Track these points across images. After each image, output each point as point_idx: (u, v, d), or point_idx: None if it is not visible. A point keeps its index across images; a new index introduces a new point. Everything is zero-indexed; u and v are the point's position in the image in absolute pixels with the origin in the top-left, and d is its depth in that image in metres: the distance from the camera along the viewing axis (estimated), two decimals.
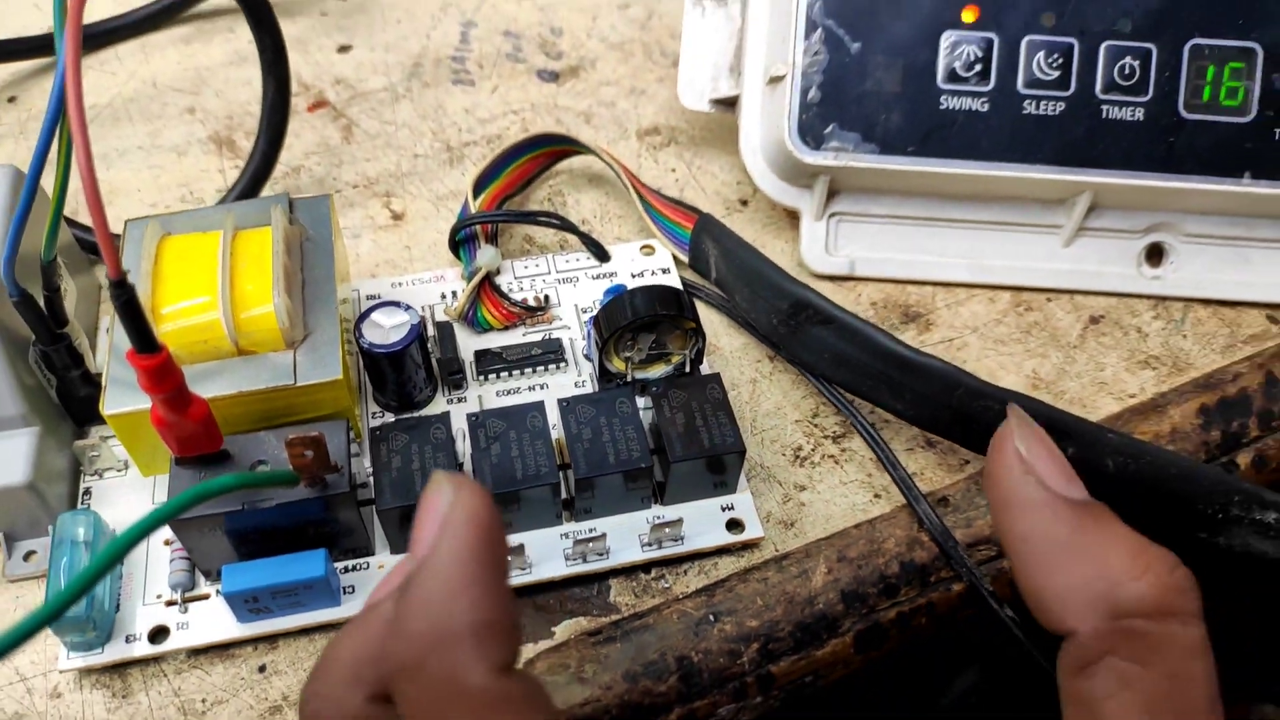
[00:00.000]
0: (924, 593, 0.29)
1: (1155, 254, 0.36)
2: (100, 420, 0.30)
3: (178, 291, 0.27)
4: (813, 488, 0.31)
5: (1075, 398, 0.34)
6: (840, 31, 0.34)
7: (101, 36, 0.43)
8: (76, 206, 0.37)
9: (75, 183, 0.22)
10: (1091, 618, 0.21)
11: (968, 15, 0.33)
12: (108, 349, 0.27)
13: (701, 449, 0.28)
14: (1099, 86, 0.33)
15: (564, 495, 0.29)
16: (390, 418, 0.31)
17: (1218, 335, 0.36)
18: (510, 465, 0.28)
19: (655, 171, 0.40)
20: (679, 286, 0.34)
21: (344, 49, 0.44)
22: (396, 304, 0.30)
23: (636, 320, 0.29)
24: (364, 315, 0.30)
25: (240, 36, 0.44)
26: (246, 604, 0.27)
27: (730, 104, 0.38)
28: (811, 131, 0.34)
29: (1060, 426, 0.29)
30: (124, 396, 0.27)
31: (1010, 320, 0.36)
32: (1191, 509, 0.29)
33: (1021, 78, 0.33)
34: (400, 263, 0.37)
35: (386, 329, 0.30)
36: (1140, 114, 0.33)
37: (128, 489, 0.30)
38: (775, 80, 0.35)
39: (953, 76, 0.34)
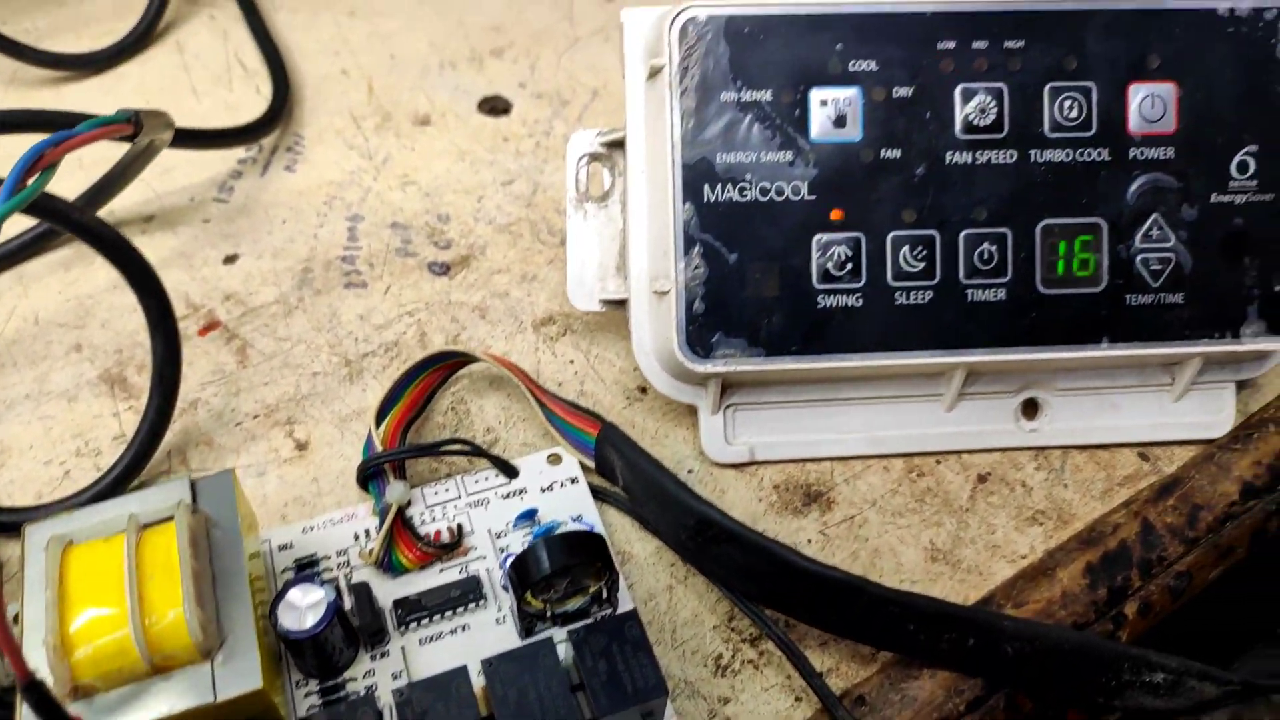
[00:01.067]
0: None
1: (1031, 408, 0.39)
2: None
3: (89, 616, 0.27)
4: (736, 699, 0.32)
5: (972, 565, 0.36)
6: (717, 244, 0.35)
7: None
8: None
9: None
10: None
11: (835, 218, 0.35)
12: (17, 694, 0.27)
13: (626, 697, 0.29)
14: (962, 273, 0.35)
15: None
16: (314, 685, 0.31)
17: (1095, 480, 0.38)
18: None
19: (554, 365, 0.41)
20: (592, 522, 0.35)
21: (230, 259, 0.44)
22: (309, 579, 0.30)
23: (549, 574, 0.30)
24: (279, 596, 0.30)
25: None
26: None
27: (620, 304, 0.39)
28: (700, 342, 0.35)
29: (960, 622, 0.31)
30: None
31: (905, 489, 0.38)
32: (1088, 680, 0.32)
33: (890, 271, 0.35)
34: (309, 498, 0.37)
35: (303, 610, 0.30)
36: (1002, 294, 0.36)
37: None
38: (660, 294, 0.36)
39: (826, 276, 0.35)
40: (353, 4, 0.57)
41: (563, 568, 0.30)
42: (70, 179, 0.42)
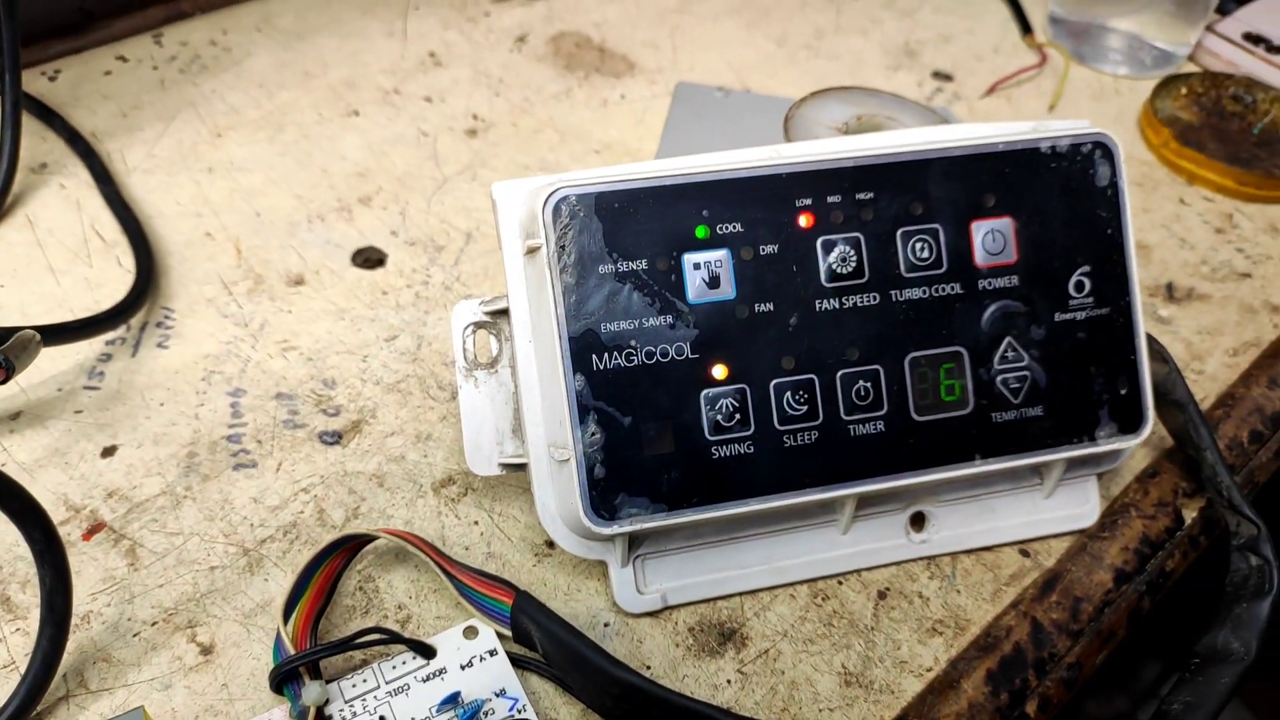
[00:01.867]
0: None
1: (918, 521, 0.41)
2: None
3: None
4: None
5: (884, 685, 0.37)
6: (611, 409, 0.36)
7: None
8: None
9: None
10: None
11: (719, 373, 0.37)
12: None
13: None
14: (843, 410, 0.38)
15: None
16: None
17: (984, 582, 0.40)
18: None
19: (459, 528, 0.41)
20: (516, 696, 0.36)
21: (108, 451, 0.43)
22: None
23: None
24: None
25: None
26: None
27: (519, 467, 0.39)
28: (604, 505, 0.36)
29: None
30: None
31: (812, 615, 0.39)
32: None
33: (776, 416, 0.37)
34: (220, 707, 0.36)
35: None
36: (881, 425, 0.38)
37: None
38: (561, 462, 0.37)
39: (717, 428, 0.37)
40: (209, 160, 0.56)
41: None
42: None
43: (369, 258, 0.51)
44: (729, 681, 0.37)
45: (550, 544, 0.41)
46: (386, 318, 0.49)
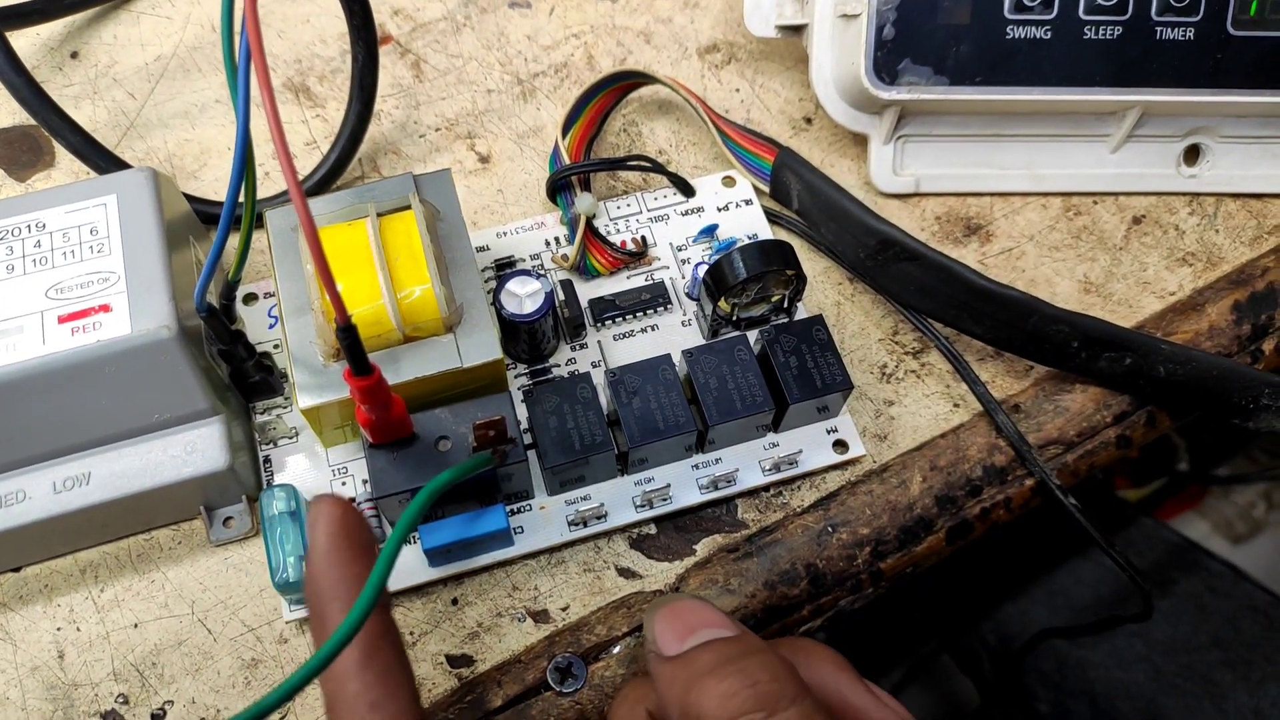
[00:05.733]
0: (1002, 490, 0.34)
1: (1192, 154, 0.40)
2: (267, 396, 0.34)
3: (345, 286, 0.30)
4: (899, 402, 0.36)
5: (1122, 299, 0.38)
6: None
7: None
8: (198, 168, 0.38)
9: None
10: None
11: None
12: (288, 357, 0.30)
13: (815, 390, 0.32)
14: (1154, 9, 0.35)
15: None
16: (523, 369, 0.35)
17: (1246, 228, 0.39)
18: (652, 417, 0.32)
19: (720, 92, 0.42)
20: (766, 226, 0.37)
21: None
22: (527, 273, 0.33)
23: (745, 279, 0.33)
24: (499, 286, 0.33)
25: None
26: (440, 555, 0.31)
27: (796, 30, 0.39)
28: (886, 68, 0.36)
29: (1121, 343, 0.33)
30: (313, 394, 0.30)
31: (1062, 226, 0.39)
32: (1229, 402, 0.34)
33: (1083, 5, 0.35)
34: (496, 208, 0.39)
35: (522, 298, 0.33)
36: (1191, 33, 0.36)
37: (301, 453, 0.33)
38: (847, 17, 0.36)
39: (1019, 7, 0.35)
40: None
41: (757, 274, 0.33)
42: None
43: None
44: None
45: (808, 120, 0.41)
46: None
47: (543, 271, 0.36)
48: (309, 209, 0.23)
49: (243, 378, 0.32)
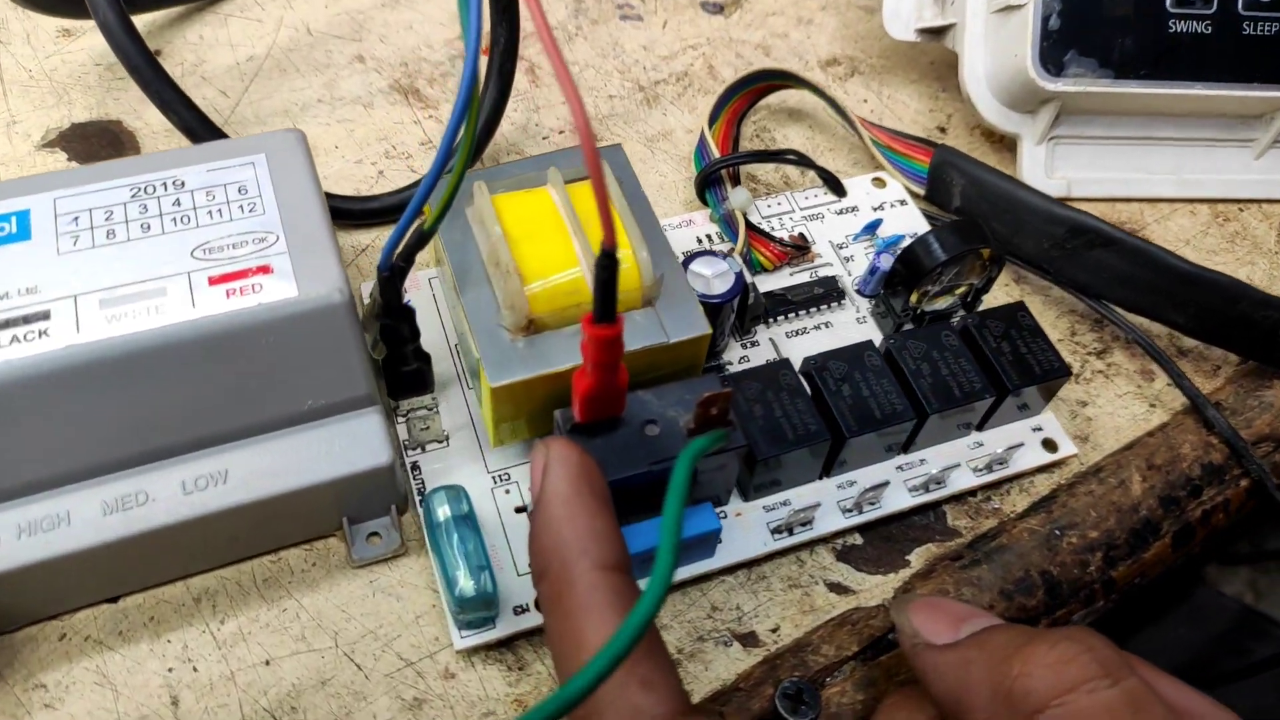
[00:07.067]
0: (1221, 491, 0.31)
1: None
2: (415, 394, 0.29)
3: (536, 253, 0.26)
4: (1093, 402, 0.33)
5: None
6: None
7: None
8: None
9: None
10: None
11: None
12: (468, 335, 0.26)
13: (1034, 376, 0.29)
14: None
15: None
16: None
17: None
18: (864, 404, 0.28)
19: (848, 103, 0.40)
20: (926, 226, 0.35)
21: None
22: (712, 253, 0.30)
23: (945, 262, 0.30)
24: (684, 266, 0.29)
25: None
26: (637, 564, 0.27)
27: (936, 33, 0.38)
28: (1052, 59, 0.35)
29: None
30: (504, 370, 0.26)
31: (1214, 232, 0.38)
32: None
33: (1241, 1, 0.35)
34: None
35: (709, 278, 0.30)
36: None
37: (455, 460, 0.29)
38: (1008, 9, 0.35)
39: (1180, 1, 0.35)
40: None
41: (957, 253, 0.30)
42: None
43: None
44: None
45: (942, 129, 0.40)
46: None
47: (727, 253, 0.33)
48: (582, 102, 0.20)
49: (398, 365, 0.28)
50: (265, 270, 0.25)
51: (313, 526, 0.27)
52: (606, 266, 0.21)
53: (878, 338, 0.32)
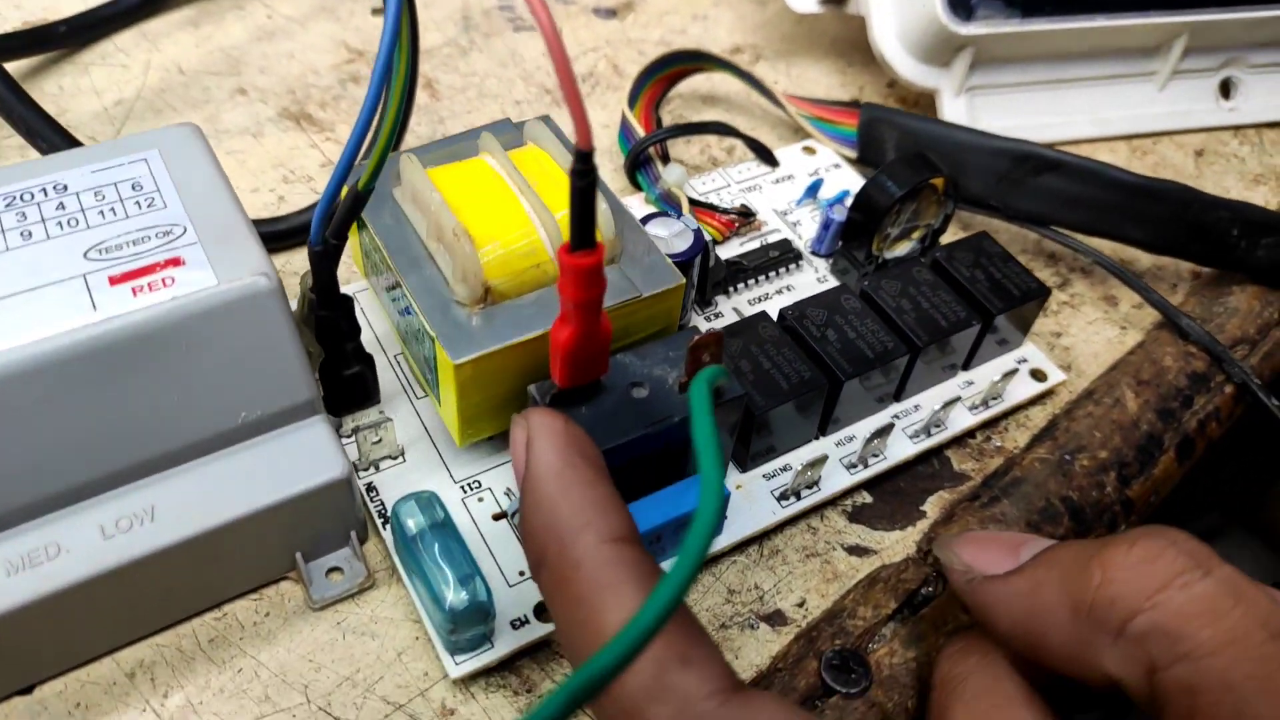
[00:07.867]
0: (1210, 399, 0.31)
1: (1225, 89, 0.40)
2: (359, 405, 0.26)
3: (483, 218, 0.24)
4: (1066, 333, 0.32)
5: None
6: None
7: (95, 28, 0.37)
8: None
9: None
10: (1113, 655, 0.18)
11: None
12: (415, 308, 0.23)
13: (1015, 299, 0.28)
14: None
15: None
16: None
17: None
18: (853, 346, 0.26)
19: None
20: (858, 178, 0.34)
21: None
22: (664, 214, 0.28)
23: (901, 197, 0.29)
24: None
25: (254, 13, 0.39)
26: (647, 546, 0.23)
27: (839, 1, 0.38)
28: (961, 4, 0.35)
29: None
30: (464, 345, 0.23)
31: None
32: None
33: None
34: None
35: (668, 239, 0.27)
36: None
37: (416, 475, 0.25)
38: None
39: None
40: None
41: (913, 187, 0.29)
42: None
43: None
44: None
45: (855, 102, 0.39)
46: None
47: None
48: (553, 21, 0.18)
49: (339, 368, 0.25)
50: (176, 263, 0.21)
51: (261, 569, 0.23)
52: (584, 173, 0.18)
53: None
